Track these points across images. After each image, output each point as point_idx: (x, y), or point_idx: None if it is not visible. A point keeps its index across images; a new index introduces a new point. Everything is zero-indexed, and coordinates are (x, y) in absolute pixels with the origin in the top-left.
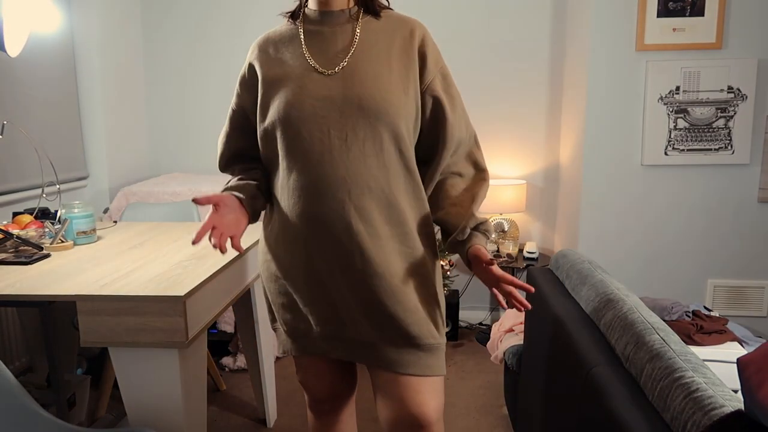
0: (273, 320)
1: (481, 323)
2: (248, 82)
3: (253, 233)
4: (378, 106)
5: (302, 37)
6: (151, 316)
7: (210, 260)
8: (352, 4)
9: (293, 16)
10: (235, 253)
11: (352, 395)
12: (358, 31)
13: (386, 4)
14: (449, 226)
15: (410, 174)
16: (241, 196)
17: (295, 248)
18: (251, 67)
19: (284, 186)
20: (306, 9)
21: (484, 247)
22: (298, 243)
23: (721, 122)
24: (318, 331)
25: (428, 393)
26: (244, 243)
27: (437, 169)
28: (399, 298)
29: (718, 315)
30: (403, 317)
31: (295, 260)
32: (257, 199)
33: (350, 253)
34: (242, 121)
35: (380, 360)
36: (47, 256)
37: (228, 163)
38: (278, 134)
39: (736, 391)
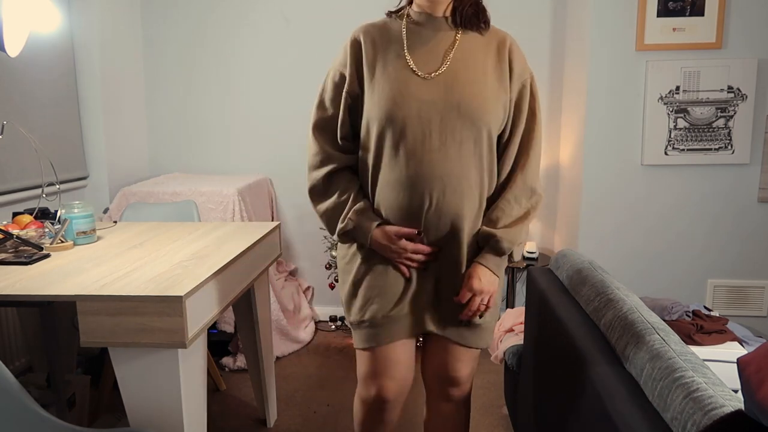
0: (359, 319)
1: None
2: (357, 63)
3: (254, 234)
4: (475, 112)
5: (405, 36)
6: (151, 316)
7: (210, 260)
8: (449, 12)
9: (397, 13)
10: (235, 254)
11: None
12: (458, 37)
13: (485, 24)
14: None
15: (492, 175)
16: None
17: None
18: (359, 46)
19: (386, 181)
20: (410, 10)
21: (487, 268)
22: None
23: (721, 122)
24: (401, 315)
25: (468, 360)
26: (242, 245)
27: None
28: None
29: (718, 315)
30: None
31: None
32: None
33: (451, 242)
34: (353, 102)
35: (445, 329)
36: (47, 256)
37: (332, 142)
38: (381, 131)
39: (736, 391)
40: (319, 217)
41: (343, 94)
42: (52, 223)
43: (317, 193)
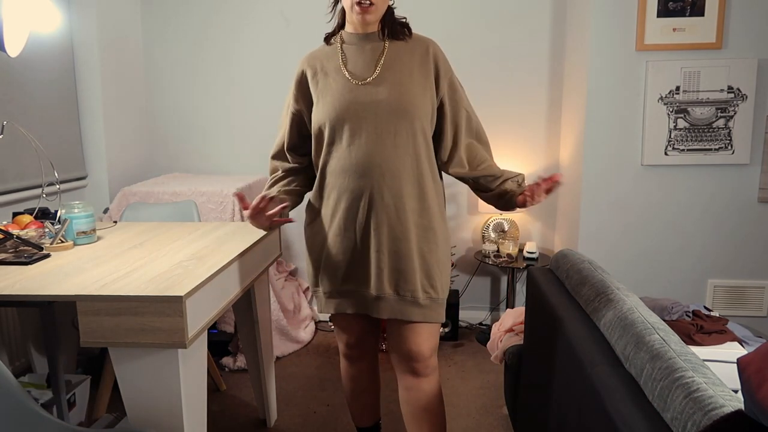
0: (314, 285)
1: (481, 323)
2: (303, 89)
3: (254, 234)
4: (404, 107)
5: (340, 54)
6: (151, 316)
7: (210, 260)
8: (379, 27)
9: (329, 37)
10: (235, 254)
11: (376, 346)
12: (386, 47)
13: (408, 31)
14: (494, 171)
15: (430, 159)
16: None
17: (344, 218)
18: (303, 77)
19: (335, 170)
20: (343, 32)
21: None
22: (346, 214)
23: (721, 122)
24: (349, 289)
25: (424, 335)
26: (242, 245)
27: (446, 148)
28: (408, 261)
29: (718, 315)
30: (410, 277)
31: (343, 228)
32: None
33: (381, 222)
34: (299, 122)
35: (391, 311)
36: (47, 256)
37: (279, 155)
38: (329, 131)
39: (736, 391)
40: None
41: (290, 115)
42: (52, 223)
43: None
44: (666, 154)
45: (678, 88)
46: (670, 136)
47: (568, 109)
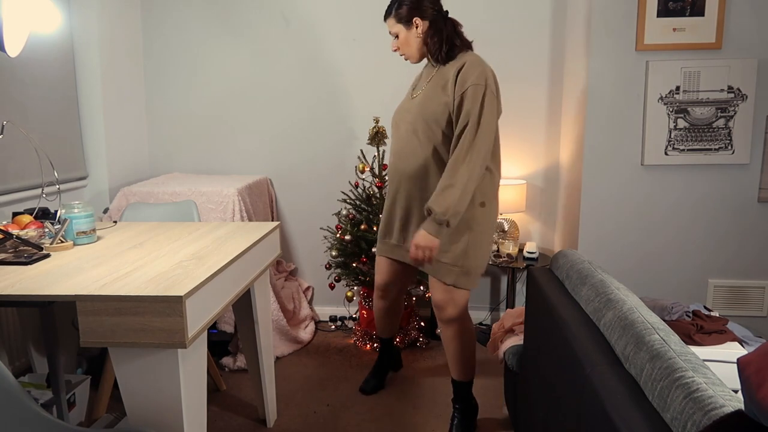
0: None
1: (481, 323)
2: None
3: (254, 234)
4: (424, 114)
5: (422, 74)
6: (151, 316)
7: (210, 260)
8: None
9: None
10: (235, 254)
11: (402, 292)
12: (434, 72)
13: (454, 51)
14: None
15: (447, 152)
16: None
17: (393, 190)
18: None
19: (390, 154)
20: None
21: (423, 229)
22: (394, 188)
23: (721, 122)
24: (392, 241)
25: (437, 288)
26: (242, 245)
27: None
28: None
29: (718, 315)
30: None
31: (394, 197)
32: None
33: (410, 195)
34: None
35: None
36: (47, 256)
37: None
38: (392, 128)
39: (736, 391)
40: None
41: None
42: (52, 223)
43: None
44: (666, 154)
45: (678, 88)
46: (670, 136)
47: (568, 109)
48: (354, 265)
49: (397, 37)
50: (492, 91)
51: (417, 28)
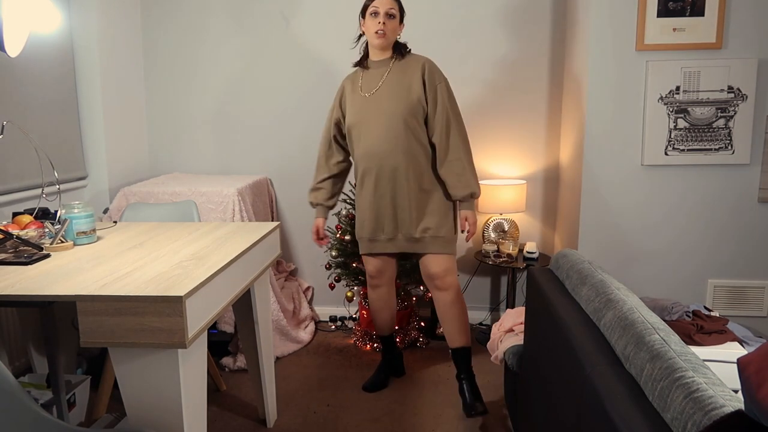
0: (356, 234)
1: (481, 323)
2: (340, 103)
3: (254, 234)
4: (394, 108)
5: (361, 77)
6: (151, 316)
7: (210, 260)
8: (389, 54)
9: (359, 64)
10: (235, 254)
11: (393, 277)
12: (391, 66)
13: (408, 50)
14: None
15: (422, 144)
16: (328, 209)
17: (372, 188)
18: (342, 95)
19: (359, 154)
20: (369, 61)
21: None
22: (373, 185)
23: (721, 122)
24: (385, 237)
25: (437, 261)
26: (242, 245)
27: (433, 140)
28: (416, 212)
29: (718, 315)
30: (418, 223)
31: (376, 193)
32: (336, 196)
33: (394, 188)
34: (339, 124)
35: (412, 247)
36: (47, 256)
37: (328, 145)
38: (353, 131)
39: (736, 391)
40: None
41: (333, 119)
42: (52, 223)
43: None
44: (666, 154)
45: (678, 88)
46: (670, 136)
47: (568, 109)
48: (354, 265)
49: (392, 17)
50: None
51: (402, 26)
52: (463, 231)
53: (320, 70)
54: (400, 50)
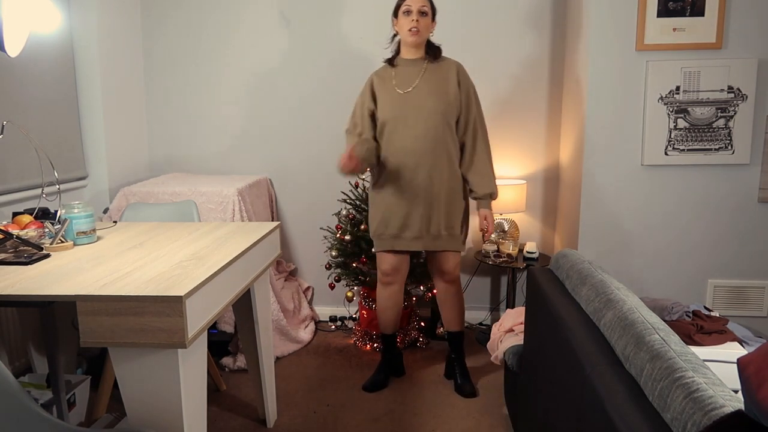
0: (375, 230)
1: (481, 323)
2: (372, 96)
3: (254, 234)
4: (432, 108)
5: (392, 73)
6: (151, 316)
7: (210, 260)
8: (422, 54)
9: (391, 61)
10: (235, 254)
11: (406, 275)
12: (425, 67)
13: (441, 53)
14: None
15: (455, 143)
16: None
17: (405, 184)
18: (372, 88)
19: (394, 150)
20: (399, 58)
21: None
22: (407, 181)
23: (721, 122)
24: (410, 234)
25: (448, 258)
26: (242, 245)
27: (462, 140)
28: (445, 209)
29: (718, 315)
30: (445, 221)
31: (404, 191)
32: (371, 151)
33: (431, 186)
34: (372, 116)
35: (434, 245)
36: (47, 256)
37: (358, 135)
38: (387, 126)
39: (736, 391)
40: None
41: (366, 109)
42: (52, 223)
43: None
44: (666, 154)
45: (678, 88)
46: (670, 136)
47: (568, 109)
48: (354, 265)
49: (424, 15)
50: None
51: (434, 24)
52: (481, 230)
53: (321, 70)
54: (434, 52)
